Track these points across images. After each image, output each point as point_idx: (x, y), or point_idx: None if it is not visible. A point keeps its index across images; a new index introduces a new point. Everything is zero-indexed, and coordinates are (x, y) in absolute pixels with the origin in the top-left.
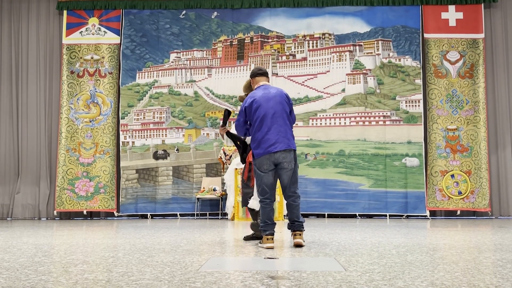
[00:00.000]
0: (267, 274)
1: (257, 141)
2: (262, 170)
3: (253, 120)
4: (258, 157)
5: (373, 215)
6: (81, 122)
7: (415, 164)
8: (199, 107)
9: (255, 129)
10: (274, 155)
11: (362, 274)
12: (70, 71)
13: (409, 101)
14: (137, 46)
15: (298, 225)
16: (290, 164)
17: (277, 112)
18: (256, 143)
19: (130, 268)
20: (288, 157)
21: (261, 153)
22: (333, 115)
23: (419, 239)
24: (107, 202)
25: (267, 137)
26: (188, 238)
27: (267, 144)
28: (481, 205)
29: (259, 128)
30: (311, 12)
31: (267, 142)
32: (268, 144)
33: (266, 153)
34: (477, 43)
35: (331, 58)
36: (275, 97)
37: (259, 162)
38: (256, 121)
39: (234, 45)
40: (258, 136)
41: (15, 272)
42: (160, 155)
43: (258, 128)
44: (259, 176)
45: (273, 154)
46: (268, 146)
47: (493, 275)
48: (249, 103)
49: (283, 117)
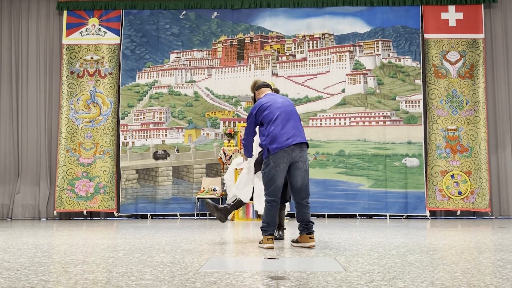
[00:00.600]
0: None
1: (273, 136)
2: (278, 168)
3: (266, 119)
4: (274, 152)
5: (373, 215)
6: (81, 122)
7: (415, 164)
8: (199, 107)
9: (269, 126)
10: (292, 151)
11: (362, 274)
12: (70, 71)
13: (409, 101)
14: (137, 46)
15: (311, 226)
16: (305, 165)
17: (291, 111)
18: (271, 139)
19: (130, 268)
20: (304, 157)
21: (279, 147)
22: (333, 115)
23: (419, 239)
24: (107, 202)
25: (283, 131)
26: (188, 238)
27: (284, 137)
28: (481, 205)
29: (274, 124)
30: (311, 12)
31: (285, 135)
32: (286, 137)
33: (285, 146)
34: (477, 43)
35: (331, 58)
36: (284, 100)
37: (276, 158)
38: (271, 119)
39: (234, 45)
40: (274, 131)
41: (15, 272)
42: (160, 155)
43: (272, 124)
44: (272, 175)
45: (291, 150)
46: (286, 139)
47: (493, 275)
48: (258, 107)
49: (296, 115)
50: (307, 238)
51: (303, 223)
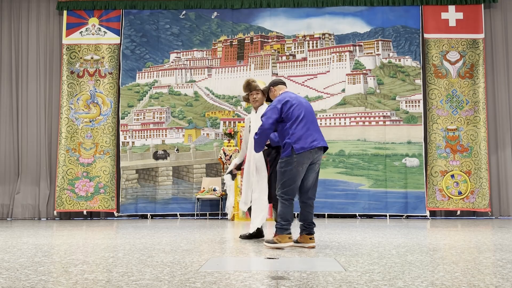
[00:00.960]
0: (267, 274)
1: (299, 135)
2: (300, 168)
3: (291, 117)
4: (299, 152)
5: (373, 215)
6: (81, 122)
7: (415, 164)
8: (199, 107)
9: (295, 124)
10: (315, 153)
11: (362, 274)
12: (70, 71)
13: (409, 101)
14: (137, 46)
15: (313, 227)
16: (319, 167)
17: (312, 112)
18: (297, 138)
19: (130, 268)
20: (320, 159)
21: (305, 148)
22: (333, 115)
23: (419, 239)
24: (107, 202)
25: (309, 132)
26: (188, 238)
27: (310, 139)
28: (481, 205)
29: (301, 124)
30: (311, 12)
31: (310, 137)
32: (312, 139)
33: (311, 147)
34: (477, 43)
35: (331, 58)
36: (305, 101)
37: (301, 158)
38: (297, 118)
39: (234, 45)
40: (300, 132)
41: (15, 272)
42: (160, 155)
43: (299, 123)
44: (293, 174)
45: (315, 152)
46: (312, 141)
47: (493, 275)
48: (285, 101)
49: (316, 120)
50: (307, 239)
51: (305, 223)
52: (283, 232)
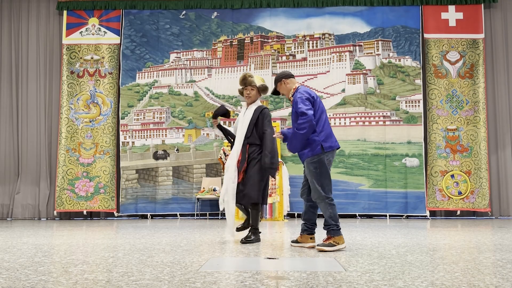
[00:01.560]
0: (267, 274)
1: (326, 134)
2: (330, 166)
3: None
4: (328, 150)
5: (373, 215)
6: (81, 122)
7: (415, 164)
8: (199, 107)
9: (322, 122)
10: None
11: (362, 274)
12: (70, 71)
13: (409, 101)
14: (137, 46)
15: (314, 228)
16: None
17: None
18: (325, 136)
19: (130, 268)
20: None
21: (333, 147)
22: (333, 115)
23: (419, 239)
24: (107, 202)
25: (332, 131)
26: (188, 238)
27: (334, 138)
28: (481, 205)
29: (326, 121)
30: (311, 12)
31: (333, 136)
32: (335, 138)
33: (336, 147)
34: (477, 43)
35: (331, 58)
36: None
37: (330, 156)
38: (322, 115)
39: (234, 45)
40: (328, 129)
41: (15, 272)
42: (160, 155)
43: (325, 121)
44: (327, 172)
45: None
46: (335, 140)
47: (493, 275)
48: (314, 94)
49: None
50: (307, 239)
51: (308, 223)
52: (338, 234)
